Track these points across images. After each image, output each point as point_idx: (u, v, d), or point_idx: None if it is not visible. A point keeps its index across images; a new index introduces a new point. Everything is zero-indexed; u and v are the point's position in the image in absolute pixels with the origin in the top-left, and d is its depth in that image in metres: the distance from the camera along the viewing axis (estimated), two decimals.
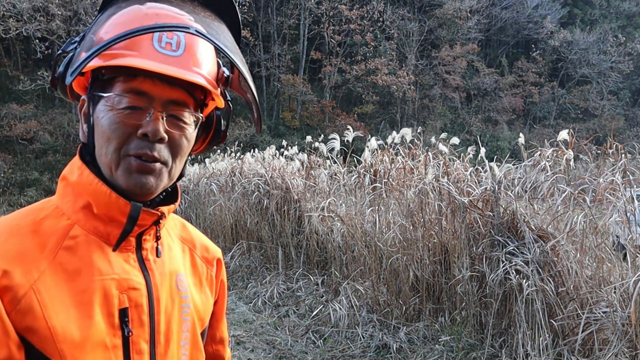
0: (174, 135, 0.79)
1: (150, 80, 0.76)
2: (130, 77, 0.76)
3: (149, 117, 0.77)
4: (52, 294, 0.72)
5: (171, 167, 0.81)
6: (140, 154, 0.76)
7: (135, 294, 0.79)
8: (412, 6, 31.65)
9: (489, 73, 32.88)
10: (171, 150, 0.80)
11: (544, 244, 3.66)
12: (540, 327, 3.48)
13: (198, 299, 0.91)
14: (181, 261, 0.91)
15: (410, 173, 5.10)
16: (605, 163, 4.01)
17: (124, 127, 0.76)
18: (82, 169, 0.79)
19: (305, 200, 6.27)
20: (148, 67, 0.73)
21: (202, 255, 0.97)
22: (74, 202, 0.79)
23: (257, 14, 28.84)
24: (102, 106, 0.77)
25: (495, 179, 4.04)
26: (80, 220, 0.78)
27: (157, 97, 0.77)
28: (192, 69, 0.77)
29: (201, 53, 0.79)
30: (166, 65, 0.74)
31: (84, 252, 0.77)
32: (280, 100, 30.01)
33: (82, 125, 0.83)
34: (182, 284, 0.88)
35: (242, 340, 4.58)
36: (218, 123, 0.92)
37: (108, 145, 0.77)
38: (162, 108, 0.78)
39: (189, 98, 0.81)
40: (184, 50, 0.77)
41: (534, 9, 34.09)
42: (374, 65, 28.09)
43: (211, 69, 0.82)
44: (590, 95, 34.11)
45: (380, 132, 23.91)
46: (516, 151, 4.75)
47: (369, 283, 4.80)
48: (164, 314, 0.83)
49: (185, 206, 9.95)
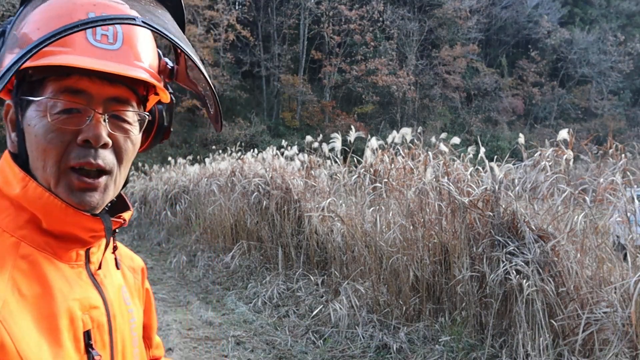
0: (118, 139, 0.72)
1: (87, 78, 0.68)
2: (63, 77, 0.67)
3: (89, 120, 0.68)
4: (19, 323, 0.63)
5: (116, 175, 0.73)
6: (83, 163, 0.68)
7: (97, 313, 0.73)
8: (412, 6, 31.66)
9: (489, 73, 32.91)
10: (116, 155, 0.72)
11: (544, 244, 3.66)
12: (541, 327, 3.47)
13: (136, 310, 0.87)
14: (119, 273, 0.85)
15: (410, 173, 5.09)
16: (605, 163, 4.00)
17: (62, 134, 0.67)
18: (25, 180, 0.69)
19: (305, 200, 6.27)
20: (86, 65, 0.64)
21: (129, 265, 0.92)
22: (15, 216, 0.69)
23: (257, 14, 28.87)
24: (33, 112, 0.68)
25: (496, 179, 4.03)
26: (26, 237, 0.69)
27: (96, 96, 0.69)
28: (133, 63, 0.69)
29: (141, 44, 0.72)
30: (105, 61, 0.66)
31: (40, 272, 0.68)
32: (280, 100, 30.02)
33: (10, 134, 0.73)
34: (126, 297, 0.83)
35: (242, 341, 4.58)
36: (161, 118, 0.85)
37: (45, 159, 0.68)
38: (102, 108, 0.69)
39: (132, 95, 0.73)
40: (123, 43, 0.69)
41: (534, 9, 34.10)
42: (374, 65, 28.12)
43: (153, 61, 0.75)
44: (591, 95, 34.13)
45: (380, 132, 23.91)
46: (516, 151, 4.75)
47: (369, 283, 4.79)
48: (119, 332, 0.78)
49: (185, 206, 9.95)
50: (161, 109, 0.85)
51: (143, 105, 0.78)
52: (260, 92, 30.57)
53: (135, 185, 14.02)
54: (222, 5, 26.94)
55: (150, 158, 23.40)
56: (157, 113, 0.84)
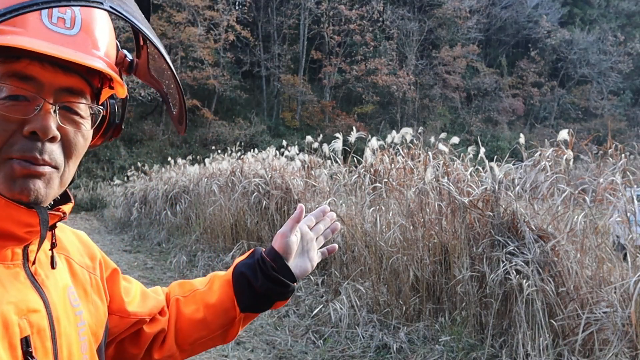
0: (68, 133, 0.65)
1: (38, 64, 0.61)
2: (11, 59, 0.60)
3: (38, 109, 0.61)
4: None
5: (64, 171, 0.66)
6: (27, 157, 0.61)
7: (36, 317, 0.65)
8: (412, 6, 31.68)
9: (489, 73, 32.93)
10: (64, 150, 0.65)
11: (544, 244, 3.66)
12: (541, 327, 3.47)
13: (87, 312, 0.78)
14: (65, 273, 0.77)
15: (411, 173, 5.10)
16: (605, 163, 4.01)
17: (5, 123, 0.61)
18: None
19: (305, 200, 6.28)
20: (39, 48, 0.57)
21: (80, 261, 0.82)
22: None
23: (257, 14, 28.88)
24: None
25: (496, 179, 4.04)
26: None
27: (47, 85, 0.62)
28: (90, 51, 0.63)
29: (99, 32, 0.65)
30: (60, 47, 0.59)
31: None
32: (280, 100, 30.04)
33: None
34: (74, 298, 0.75)
35: (242, 341, 4.58)
36: (112, 114, 0.77)
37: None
38: (53, 98, 0.63)
39: (86, 86, 0.67)
40: (80, 29, 0.62)
41: (533, 9, 34.12)
42: (374, 65, 28.14)
43: (111, 52, 0.68)
44: (591, 95, 34.15)
45: (380, 132, 23.92)
46: (516, 151, 4.75)
47: (369, 283, 4.80)
48: (65, 337, 0.70)
49: (185, 206, 9.95)
50: (113, 103, 0.77)
51: (97, 98, 0.71)
52: (260, 92, 30.60)
53: (136, 185, 14.03)
54: (222, 5, 26.95)
55: (150, 158, 23.40)
56: (108, 107, 0.76)
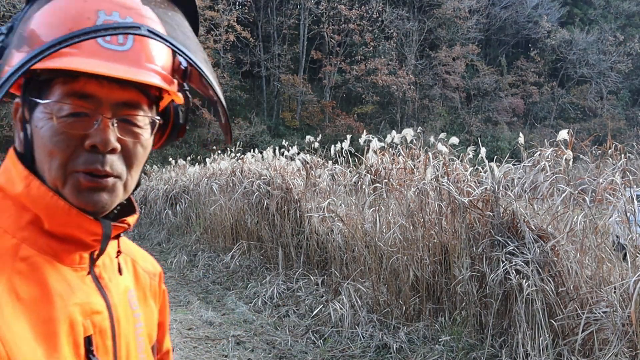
0: (128, 144, 0.69)
1: (95, 81, 0.65)
2: (71, 79, 0.65)
3: (97, 124, 0.66)
4: (13, 329, 0.61)
5: (126, 179, 0.71)
6: (91, 169, 0.66)
7: (99, 318, 0.71)
8: (412, 6, 31.66)
9: (488, 73, 32.91)
10: (125, 161, 0.70)
11: (544, 244, 3.66)
12: (540, 327, 3.48)
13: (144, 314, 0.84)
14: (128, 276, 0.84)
15: (411, 173, 5.10)
16: (605, 163, 4.01)
17: (69, 138, 0.65)
18: (29, 179, 0.68)
19: (305, 200, 6.28)
20: (92, 69, 0.62)
21: (144, 266, 0.90)
22: (17, 217, 0.68)
23: (257, 14, 28.87)
24: (40, 114, 0.66)
25: (495, 179, 4.04)
26: (27, 239, 0.67)
27: (105, 100, 0.66)
28: (144, 65, 0.67)
29: (153, 44, 0.68)
30: (114, 64, 0.64)
31: (40, 276, 0.66)
32: (280, 100, 30.03)
33: (19, 133, 0.71)
34: (133, 301, 0.81)
35: (242, 340, 4.59)
36: (176, 116, 0.81)
37: (51, 161, 0.66)
38: (111, 113, 0.67)
39: (142, 97, 0.70)
40: (134, 43, 0.66)
41: (533, 9, 34.11)
42: (374, 65, 28.13)
43: (166, 61, 0.71)
44: (590, 96, 34.14)
45: (380, 132, 23.91)
46: (516, 151, 4.75)
47: (369, 283, 4.80)
48: (124, 337, 0.76)
49: (185, 206, 9.96)
50: (176, 106, 0.81)
51: (156, 105, 0.75)
52: (260, 92, 30.58)
53: None
54: (222, 5, 26.94)
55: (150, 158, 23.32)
56: (171, 111, 0.81)
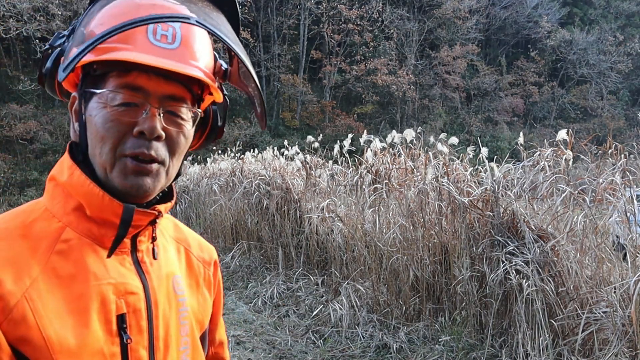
0: (172, 133, 0.76)
1: (145, 75, 0.73)
2: (124, 72, 0.72)
3: (145, 113, 0.73)
4: (46, 302, 0.68)
5: (169, 166, 0.77)
6: (137, 153, 0.73)
7: (133, 298, 0.76)
8: (411, 6, 31.64)
9: (488, 73, 32.89)
10: (169, 148, 0.76)
11: (544, 244, 3.66)
12: (540, 327, 3.48)
13: (195, 301, 0.88)
14: (177, 263, 0.88)
15: (411, 173, 5.10)
16: (605, 163, 4.01)
17: (119, 125, 0.73)
18: (72, 169, 0.75)
19: (305, 200, 6.28)
20: (144, 60, 0.69)
21: (199, 255, 0.94)
22: (64, 203, 0.76)
23: (257, 14, 28.84)
24: (94, 103, 0.74)
25: (495, 179, 4.04)
26: (72, 223, 0.75)
27: (153, 93, 0.74)
28: (189, 62, 0.74)
29: (198, 45, 0.76)
30: (162, 59, 0.71)
31: (78, 256, 0.73)
32: (280, 100, 30.00)
33: (73, 124, 0.79)
34: (178, 286, 0.85)
35: (242, 340, 4.59)
36: (215, 118, 0.89)
37: (102, 146, 0.73)
38: (158, 104, 0.74)
39: (186, 93, 0.77)
40: (180, 43, 0.73)
41: (533, 9, 34.09)
42: (374, 65, 28.09)
43: (209, 62, 0.79)
44: (590, 96, 34.13)
45: (380, 132, 23.91)
46: (516, 151, 4.75)
47: (369, 283, 4.80)
48: (162, 319, 0.79)
49: (185, 206, 9.95)
50: (215, 109, 0.89)
51: (198, 104, 0.82)
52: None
53: None
54: None
55: None
56: (211, 113, 0.88)
